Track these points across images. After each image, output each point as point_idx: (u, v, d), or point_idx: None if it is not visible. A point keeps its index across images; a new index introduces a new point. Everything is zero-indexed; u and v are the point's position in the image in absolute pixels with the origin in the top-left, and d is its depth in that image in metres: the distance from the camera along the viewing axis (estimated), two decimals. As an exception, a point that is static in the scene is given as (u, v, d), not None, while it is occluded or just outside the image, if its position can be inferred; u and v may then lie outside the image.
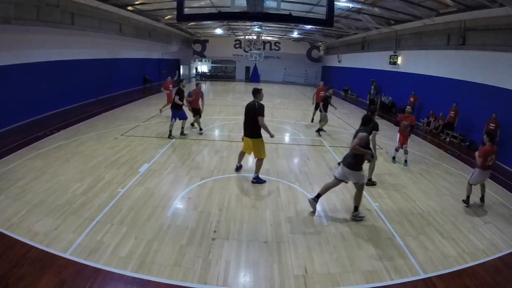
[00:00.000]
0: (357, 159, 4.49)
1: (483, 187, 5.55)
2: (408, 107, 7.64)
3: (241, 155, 6.21)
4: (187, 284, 3.18)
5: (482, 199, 5.55)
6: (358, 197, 4.65)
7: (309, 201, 4.84)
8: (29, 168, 5.79)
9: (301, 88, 25.35)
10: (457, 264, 3.76)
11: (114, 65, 15.36)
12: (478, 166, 5.28)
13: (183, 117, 8.40)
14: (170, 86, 11.56)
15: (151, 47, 20.07)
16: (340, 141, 9.22)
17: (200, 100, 8.97)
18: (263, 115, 5.45)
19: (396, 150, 7.52)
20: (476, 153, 5.36)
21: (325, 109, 9.66)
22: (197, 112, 8.99)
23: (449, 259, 3.85)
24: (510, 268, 3.80)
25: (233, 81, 29.52)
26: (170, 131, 8.36)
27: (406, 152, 7.31)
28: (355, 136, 4.71)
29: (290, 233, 4.20)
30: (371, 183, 5.97)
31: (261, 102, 5.54)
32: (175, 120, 8.25)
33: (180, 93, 8.06)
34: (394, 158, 7.62)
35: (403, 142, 7.28)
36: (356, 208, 4.69)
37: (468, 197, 5.43)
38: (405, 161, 7.37)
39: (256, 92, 5.56)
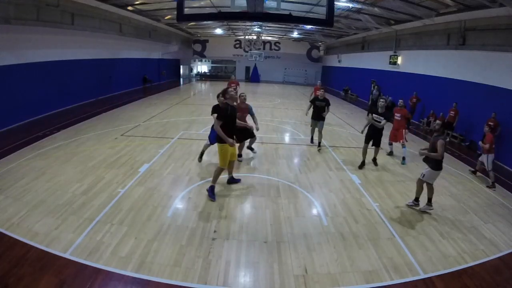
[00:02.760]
0: (439, 160, 4.87)
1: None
2: (400, 100, 8.04)
3: (229, 165, 5.26)
4: (187, 284, 3.18)
5: (493, 184, 6.37)
6: (431, 191, 5.03)
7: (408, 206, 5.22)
8: (29, 168, 5.79)
9: (301, 88, 25.31)
10: (457, 264, 3.76)
11: (114, 65, 15.36)
12: (491, 152, 6.39)
13: (212, 142, 6.06)
14: (234, 85, 10.28)
15: (151, 47, 20.07)
16: (340, 141, 9.21)
17: (247, 117, 6.77)
18: (218, 118, 4.73)
19: (390, 144, 8.01)
20: (482, 143, 6.54)
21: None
22: (248, 134, 6.48)
23: (449, 259, 3.85)
24: (510, 268, 3.80)
25: (233, 81, 29.48)
26: (203, 152, 6.60)
27: (403, 146, 7.53)
28: (433, 143, 4.90)
29: (290, 233, 4.20)
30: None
31: (226, 101, 4.88)
32: (211, 143, 6.18)
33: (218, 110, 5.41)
34: (391, 152, 8.03)
35: (392, 137, 7.80)
36: (430, 200, 5.02)
37: (493, 182, 6.33)
38: (403, 158, 7.42)
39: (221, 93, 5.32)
